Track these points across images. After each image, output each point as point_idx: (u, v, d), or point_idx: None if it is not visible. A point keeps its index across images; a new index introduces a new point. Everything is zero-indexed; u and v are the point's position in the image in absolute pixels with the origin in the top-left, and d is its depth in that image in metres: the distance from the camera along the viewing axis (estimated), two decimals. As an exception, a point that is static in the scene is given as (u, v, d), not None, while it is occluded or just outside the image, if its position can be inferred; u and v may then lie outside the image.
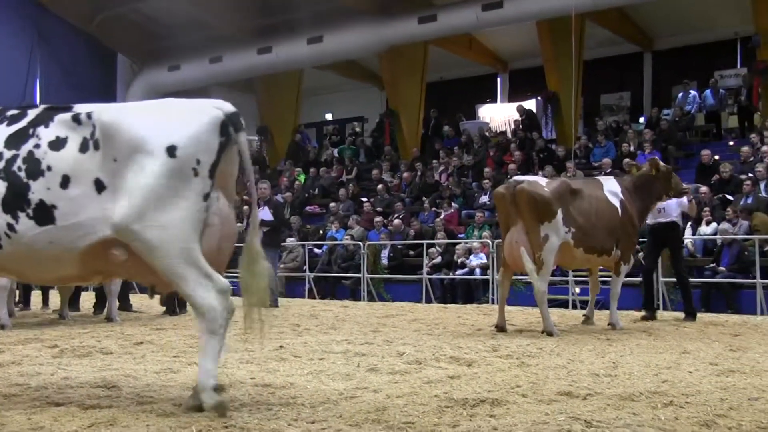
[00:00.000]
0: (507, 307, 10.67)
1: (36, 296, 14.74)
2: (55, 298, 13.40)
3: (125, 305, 13.30)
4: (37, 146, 4.80)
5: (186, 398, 5.01)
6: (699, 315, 12.84)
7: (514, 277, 16.23)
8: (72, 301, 12.55)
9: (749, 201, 15.95)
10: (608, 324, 10.62)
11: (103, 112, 4.90)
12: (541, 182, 10.13)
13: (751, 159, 18.07)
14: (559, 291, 15.87)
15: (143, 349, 8.04)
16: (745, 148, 18.70)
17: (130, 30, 30.00)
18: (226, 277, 5.12)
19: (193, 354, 7.61)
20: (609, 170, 19.67)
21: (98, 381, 5.91)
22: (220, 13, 27.23)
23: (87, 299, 13.95)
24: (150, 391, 5.55)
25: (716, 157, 19.12)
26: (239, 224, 21.97)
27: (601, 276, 11.94)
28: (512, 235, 9.88)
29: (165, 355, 7.55)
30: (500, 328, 10.00)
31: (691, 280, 14.94)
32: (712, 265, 15.03)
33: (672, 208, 12.11)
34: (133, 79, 30.89)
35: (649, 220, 12.07)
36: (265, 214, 14.84)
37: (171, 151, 4.69)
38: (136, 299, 15.59)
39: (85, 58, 29.76)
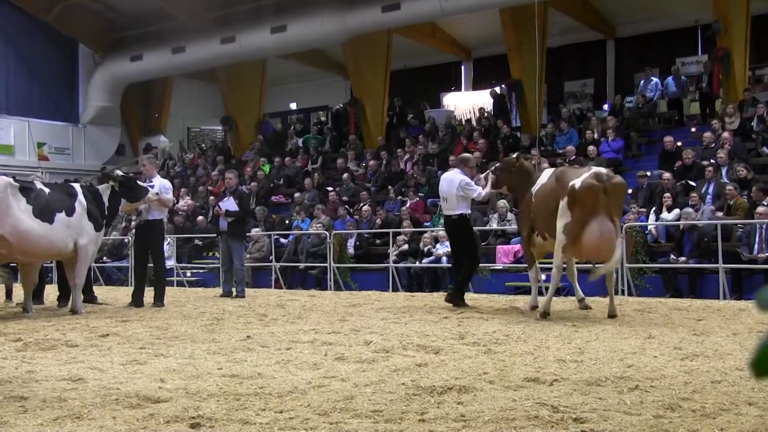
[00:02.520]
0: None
1: (-1, 289, 14.56)
2: (18, 292, 13.23)
3: (90, 297, 13.18)
4: None
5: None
6: (663, 300, 13.00)
7: (480, 265, 16.39)
8: (36, 294, 12.39)
9: (711, 187, 16.14)
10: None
11: None
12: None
13: (713, 145, 18.27)
14: (525, 278, 15.95)
15: (109, 341, 7.98)
16: (707, 134, 18.91)
17: (91, 20, 29.70)
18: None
19: (159, 345, 7.57)
20: (573, 157, 19.81)
21: (64, 374, 5.85)
22: (182, 3, 26.98)
23: (51, 292, 13.80)
24: (116, 383, 5.50)
25: (678, 144, 19.31)
26: (201, 218, 21.91)
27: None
28: (599, 226, 9.65)
29: (131, 346, 7.50)
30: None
31: (653, 265, 15.16)
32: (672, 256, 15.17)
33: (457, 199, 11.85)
34: (95, 70, 30.56)
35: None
36: (229, 204, 14.75)
37: None
38: (102, 291, 15.48)
39: (45, 48, 29.47)
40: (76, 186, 11.60)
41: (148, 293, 12.90)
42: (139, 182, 12.56)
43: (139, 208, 12.78)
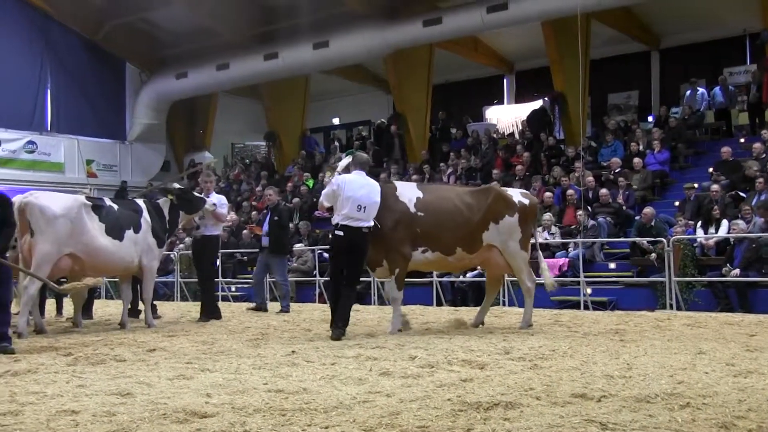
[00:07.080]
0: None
1: (50, 304, 14.78)
2: (68, 306, 13.43)
3: (134, 312, 13.27)
4: None
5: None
6: (713, 315, 12.76)
7: (514, 278, 16.28)
8: (85, 308, 12.59)
9: (762, 198, 15.83)
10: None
11: None
12: None
13: (763, 156, 17.96)
14: (570, 292, 15.81)
15: (156, 356, 8.05)
16: (757, 145, 18.57)
17: (138, 39, 30.26)
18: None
19: (205, 360, 7.62)
20: (618, 170, 19.62)
21: (113, 389, 5.92)
22: (225, 20, 27.31)
23: (99, 307, 13.98)
24: (164, 398, 5.54)
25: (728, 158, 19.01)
26: (245, 232, 22.02)
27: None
28: None
29: (178, 361, 7.56)
30: None
31: (703, 279, 14.84)
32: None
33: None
34: (142, 88, 31.07)
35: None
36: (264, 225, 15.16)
37: None
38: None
39: (93, 67, 30.02)
40: (140, 202, 11.81)
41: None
42: (195, 193, 12.76)
43: (196, 222, 12.91)
